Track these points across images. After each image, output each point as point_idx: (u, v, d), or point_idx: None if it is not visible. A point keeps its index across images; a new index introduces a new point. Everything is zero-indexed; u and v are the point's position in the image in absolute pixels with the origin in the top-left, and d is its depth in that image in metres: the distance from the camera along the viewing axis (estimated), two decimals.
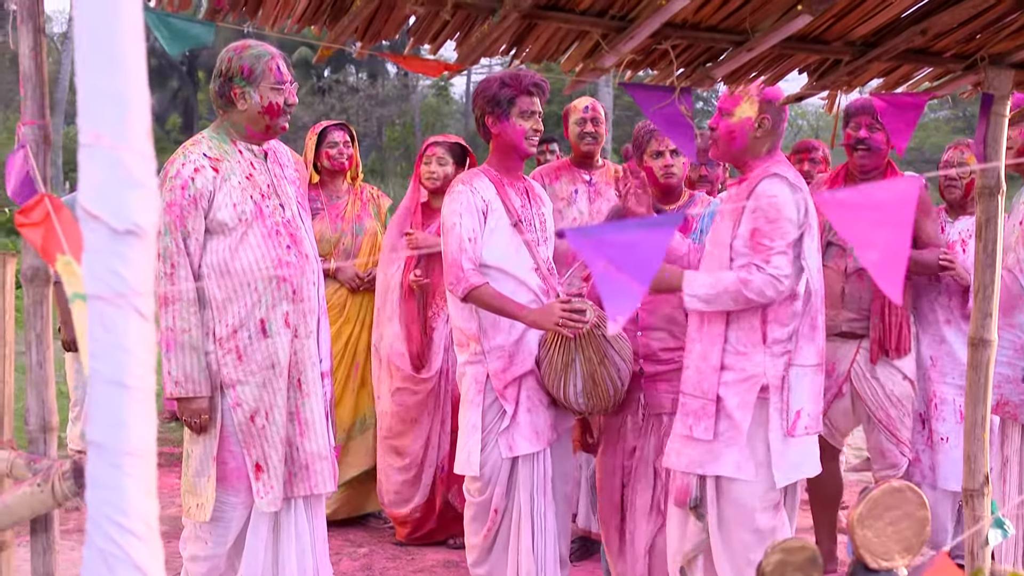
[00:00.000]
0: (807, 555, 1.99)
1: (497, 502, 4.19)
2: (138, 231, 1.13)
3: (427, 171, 5.59)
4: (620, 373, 4.05)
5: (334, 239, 5.83)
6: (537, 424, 4.19)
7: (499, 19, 2.65)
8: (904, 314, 4.84)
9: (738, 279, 3.72)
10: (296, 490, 3.79)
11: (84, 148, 1.12)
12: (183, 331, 3.61)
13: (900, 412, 4.88)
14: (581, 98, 5.87)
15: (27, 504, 2.26)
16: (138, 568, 1.17)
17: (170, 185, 3.63)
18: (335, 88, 37.48)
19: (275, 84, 3.74)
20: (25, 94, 2.28)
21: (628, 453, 4.32)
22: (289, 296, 3.73)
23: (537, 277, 4.21)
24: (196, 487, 3.70)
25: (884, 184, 1.35)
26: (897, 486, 2.05)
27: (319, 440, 3.84)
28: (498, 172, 4.29)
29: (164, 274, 3.60)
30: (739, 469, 3.79)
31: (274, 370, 3.71)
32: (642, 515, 4.26)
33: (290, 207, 3.84)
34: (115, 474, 1.16)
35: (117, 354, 1.14)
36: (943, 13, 2.69)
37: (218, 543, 3.75)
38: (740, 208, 3.82)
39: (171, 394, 3.63)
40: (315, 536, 3.90)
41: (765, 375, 3.78)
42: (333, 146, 5.93)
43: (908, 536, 2.03)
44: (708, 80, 2.94)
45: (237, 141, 3.78)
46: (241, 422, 3.68)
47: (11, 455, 2.33)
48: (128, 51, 1.13)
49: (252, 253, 3.67)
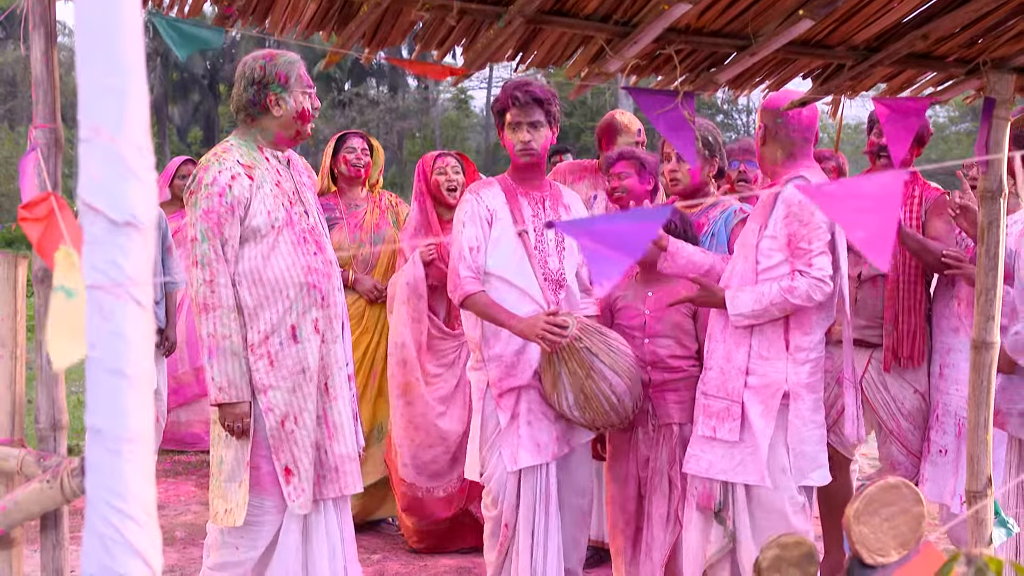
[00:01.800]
0: (803, 551, 2.01)
1: (507, 516, 4.18)
2: (136, 223, 1.16)
3: (445, 181, 5.58)
4: (613, 387, 3.98)
5: (352, 249, 5.80)
6: (539, 437, 4.16)
7: (504, 24, 2.69)
8: (919, 323, 4.76)
9: (781, 290, 3.74)
10: (326, 492, 3.81)
11: (83, 142, 1.15)
12: (224, 337, 3.63)
13: (912, 425, 4.80)
14: (632, 117, 5.74)
15: (37, 500, 2.30)
16: (136, 552, 1.20)
17: (207, 192, 3.64)
18: (355, 101, 37.61)
19: (305, 88, 3.83)
20: (36, 98, 2.32)
21: (642, 464, 4.28)
22: (318, 302, 3.77)
23: (541, 288, 4.18)
24: (227, 492, 3.70)
25: (869, 177, 1.38)
26: (893, 483, 2.07)
27: (348, 442, 3.88)
28: (513, 181, 4.31)
29: (204, 281, 3.62)
30: (763, 478, 3.81)
31: (304, 375, 3.74)
32: (659, 525, 4.22)
33: (312, 214, 3.90)
34: (114, 460, 1.18)
35: (116, 343, 1.17)
36: (944, 18, 2.71)
37: (249, 548, 3.76)
38: (767, 212, 3.85)
39: (215, 400, 3.64)
40: (344, 536, 3.92)
41: (787, 382, 3.80)
42: (351, 151, 5.89)
43: (904, 532, 2.04)
44: (712, 85, 2.97)
45: (264, 148, 3.82)
46: (272, 427, 3.70)
47: (21, 452, 2.37)
48: (127, 48, 1.16)
49: (284, 260, 3.72)
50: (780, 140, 3.92)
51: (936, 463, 4.73)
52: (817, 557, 2.01)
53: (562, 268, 4.24)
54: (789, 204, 3.76)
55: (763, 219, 3.87)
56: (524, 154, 4.21)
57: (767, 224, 3.84)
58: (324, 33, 2.83)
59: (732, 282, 3.92)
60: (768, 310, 3.77)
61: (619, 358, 4.02)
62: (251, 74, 3.78)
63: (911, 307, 4.73)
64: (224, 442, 3.74)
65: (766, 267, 3.85)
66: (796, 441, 3.82)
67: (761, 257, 3.85)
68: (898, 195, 1.36)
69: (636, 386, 4.06)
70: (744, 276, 3.89)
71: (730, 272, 3.96)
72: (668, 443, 4.21)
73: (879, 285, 4.76)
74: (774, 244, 3.83)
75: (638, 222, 1.33)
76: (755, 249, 3.86)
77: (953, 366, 4.68)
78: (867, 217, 1.27)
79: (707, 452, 3.90)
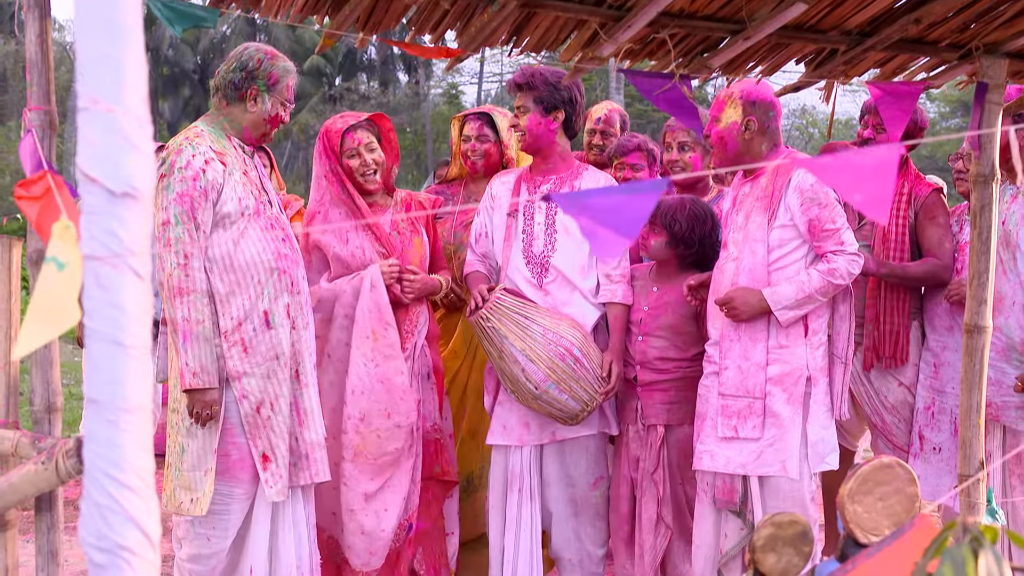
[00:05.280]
0: (798, 530, 2.02)
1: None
2: (135, 193, 1.16)
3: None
4: (528, 374, 3.95)
5: (451, 248, 4.81)
6: (506, 419, 4.21)
7: (498, 8, 2.70)
8: (903, 322, 4.73)
9: (821, 274, 3.73)
10: (296, 479, 3.81)
11: (82, 112, 1.15)
12: (197, 322, 3.62)
13: (896, 419, 4.78)
14: (600, 105, 5.59)
15: (32, 482, 2.30)
16: (133, 521, 1.20)
17: (180, 176, 3.63)
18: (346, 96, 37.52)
19: (286, 100, 3.86)
20: (31, 80, 2.32)
21: (633, 464, 4.26)
22: (288, 287, 3.77)
23: (527, 269, 4.22)
24: (192, 481, 3.67)
25: (862, 151, 1.38)
26: (887, 462, 2.08)
27: (317, 430, 3.88)
28: (529, 167, 4.41)
29: (178, 265, 3.60)
30: (784, 467, 3.79)
31: (278, 361, 3.74)
32: (648, 529, 4.19)
33: (276, 203, 3.90)
34: (111, 430, 1.18)
35: (114, 313, 1.17)
36: (936, 3, 2.72)
37: (220, 537, 3.75)
38: (772, 203, 3.81)
39: (189, 385, 3.60)
40: (309, 523, 3.93)
41: (807, 367, 3.80)
42: (466, 140, 4.92)
43: (898, 511, 2.05)
44: (706, 69, 2.97)
45: (231, 137, 3.82)
46: (247, 413, 3.69)
47: (16, 435, 2.37)
48: (125, 18, 1.16)
49: (254, 246, 3.71)
50: (769, 132, 3.90)
51: (930, 461, 4.71)
52: (811, 536, 2.02)
53: (548, 252, 4.23)
54: (803, 191, 3.72)
55: (769, 211, 3.82)
56: (518, 139, 4.36)
57: (776, 215, 3.80)
58: (318, 17, 2.83)
59: (740, 279, 3.86)
60: (812, 297, 3.75)
61: (536, 346, 3.97)
62: (247, 60, 3.78)
63: (894, 307, 4.70)
64: (188, 430, 3.69)
65: (777, 258, 3.82)
66: (816, 427, 3.81)
67: (773, 249, 3.82)
68: (893, 167, 1.37)
69: (570, 381, 3.98)
70: (754, 271, 3.84)
71: (736, 269, 3.89)
72: (654, 444, 4.17)
73: (860, 284, 4.66)
74: (786, 234, 3.80)
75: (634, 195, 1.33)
76: (764, 243, 3.83)
77: (949, 364, 4.64)
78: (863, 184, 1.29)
79: (723, 448, 3.85)
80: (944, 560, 1.18)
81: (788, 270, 3.80)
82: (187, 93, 39.33)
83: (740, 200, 3.99)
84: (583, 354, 3.99)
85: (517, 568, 4.18)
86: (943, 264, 4.64)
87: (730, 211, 4.02)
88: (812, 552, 2.02)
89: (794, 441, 3.78)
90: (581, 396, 3.98)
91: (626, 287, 4.23)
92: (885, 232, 4.69)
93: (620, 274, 4.23)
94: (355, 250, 4.18)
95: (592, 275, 4.23)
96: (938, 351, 4.71)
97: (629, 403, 4.25)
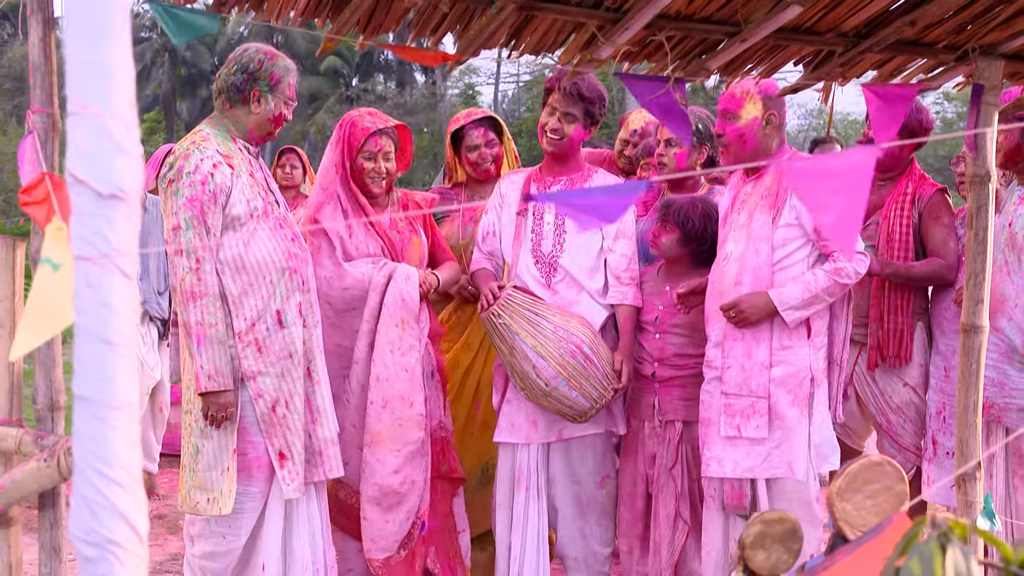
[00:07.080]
0: (787, 527, 2.04)
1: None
2: (122, 195, 1.19)
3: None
4: (539, 370, 3.95)
5: (462, 245, 4.87)
6: (514, 417, 4.22)
7: (496, 11, 2.72)
8: (907, 321, 4.70)
9: (828, 273, 3.72)
10: (311, 476, 3.84)
11: (71, 116, 1.18)
12: (211, 325, 3.64)
13: (901, 419, 4.77)
14: (637, 115, 5.54)
15: (35, 479, 2.33)
16: (122, 516, 1.22)
17: (189, 180, 3.66)
18: (363, 97, 37.58)
19: (288, 99, 3.90)
20: (34, 83, 2.35)
21: (649, 460, 4.25)
22: (300, 286, 3.80)
23: (535, 268, 4.24)
24: (208, 482, 3.70)
25: (841, 154, 1.41)
26: (876, 460, 2.09)
27: (330, 426, 3.91)
28: (540, 167, 4.43)
29: (190, 269, 3.63)
30: (791, 469, 3.79)
31: (292, 359, 3.77)
32: (667, 524, 4.18)
33: (282, 204, 3.94)
34: (100, 427, 1.21)
35: (102, 312, 1.20)
36: (932, 4, 2.74)
37: (236, 535, 3.79)
38: (777, 202, 3.81)
39: (205, 388, 3.62)
40: (323, 520, 3.95)
41: (810, 368, 3.80)
42: (473, 150, 4.91)
43: (887, 509, 2.07)
44: (703, 72, 2.99)
45: (237, 139, 3.85)
46: (263, 412, 3.72)
47: (19, 432, 2.41)
48: (113, 24, 1.19)
49: (264, 246, 3.74)
50: (782, 128, 3.91)
51: (943, 465, 4.67)
52: (801, 533, 2.04)
53: (556, 252, 4.25)
54: None
55: (774, 209, 3.81)
56: (548, 140, 4.28)
57: (780, 214, 3.80)
58: (319, 20, 2.86)
59: (744, 278, 3.85)
60: (819, 297, 3.74)
61: (547, 342, 3.97)
62: (247, 62, 3.81)
63: (898, 306, 4.68)
64: (202, 431, 3.71)
65: (781, 257, 3.82)
66: (819, 428, 3.82)
67: (777, 248, 3.82)
68: (869, 172, 1.39)
69: (580, 378, 3.98)
70: (758, 270, 3.83)
71: (740, 268, 3.87)
72: (672, 440, 4.17)
73: (865, 284, 4.65)
74: (791, 233, 3.80)
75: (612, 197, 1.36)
76: (768, 242, 3.82)
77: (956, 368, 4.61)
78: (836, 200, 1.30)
79: (729, 452, 3.84)
80: (912, 555, 1.20)
81: (792, 270, 3.80)
82: (204, 94, 39.48)
83: (741, 199, 3.98)
84: (593, 352, 3.99)
85: (523, 566, 4.19)
86: (947, 264, 4.62)
87: (729, 211, 4.01)
88: (801, 549, 2.04)
89: (800, 442, 3.78)
90: (591, 393, 3.99)
91: (636, 289, 4.24)
92: (889, 232, 4.67)
93: (630, 276, 4.23)
94: (359, 244, 4.20)
95: (600, 275, 4.24)
96: (948, 355, 4.66)
97: (645, 399, 4.25)
